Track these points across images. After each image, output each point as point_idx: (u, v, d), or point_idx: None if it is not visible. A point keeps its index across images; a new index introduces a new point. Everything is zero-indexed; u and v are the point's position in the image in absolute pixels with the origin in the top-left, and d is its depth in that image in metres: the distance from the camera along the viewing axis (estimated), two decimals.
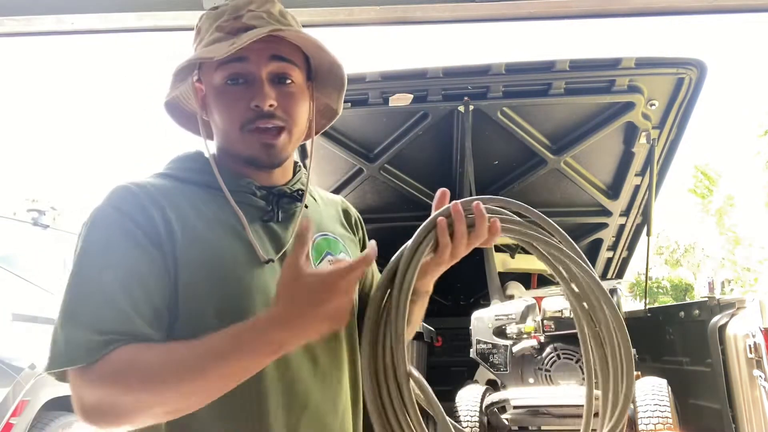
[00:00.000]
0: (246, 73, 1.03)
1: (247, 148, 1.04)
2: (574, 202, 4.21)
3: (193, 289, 0.96)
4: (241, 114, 1.02)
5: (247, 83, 1.03)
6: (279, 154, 1.06)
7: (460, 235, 1.04)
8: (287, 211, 1.11)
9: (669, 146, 3.90)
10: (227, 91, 1.04)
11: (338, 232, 1.18)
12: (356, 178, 4.00)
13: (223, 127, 1.06)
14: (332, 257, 1.12)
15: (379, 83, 3.43)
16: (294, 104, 1.06)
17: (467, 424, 3.20)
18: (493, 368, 3.43)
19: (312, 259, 1.08)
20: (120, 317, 0.91)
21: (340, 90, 1.19)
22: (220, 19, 1.06)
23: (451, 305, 4.82)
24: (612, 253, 4.61)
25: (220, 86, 1.04)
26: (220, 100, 1.05)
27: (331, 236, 1.15)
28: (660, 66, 3.42)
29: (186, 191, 1.05)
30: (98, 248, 0.96)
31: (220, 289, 0.97)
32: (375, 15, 1.49)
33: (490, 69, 3.42)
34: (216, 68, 1.04)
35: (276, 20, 1.06)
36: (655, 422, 2.96)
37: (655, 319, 4.03)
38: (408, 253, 1.00)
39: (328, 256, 1.11)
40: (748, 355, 2.82)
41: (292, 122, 1.06)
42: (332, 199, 1.29)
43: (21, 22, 1.54)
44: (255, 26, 1.02)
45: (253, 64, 1.03)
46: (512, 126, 3.68)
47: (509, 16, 1.51)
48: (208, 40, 1.05)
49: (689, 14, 1.55)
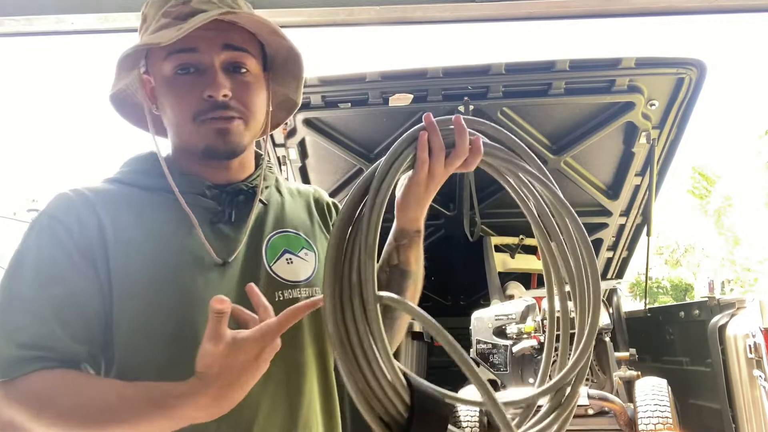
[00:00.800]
0: (197, 62, 0.98)
1: (202, 138, 0.99)
2: (574, 202, 4.18)
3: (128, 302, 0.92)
4: (194, 104, 0.97)
5: (199, 72, 0.98)
6: (236, 141, 1.00)
7: (437, 149, 0.92)
8: (242, 210, 1.05)
9: (669, 146, 3.90)
10: (178, 81, 0.98)
11: (304, 227, 1.12)
12: (356, 178, 3.99)
13: (175, 119, 1.00)
14: (291, 255, 1.06)
15: (379, 83, 3.43)
16: (250, 94, 1.00)
17: (467, 424, 3.20)
18: (493, 368, 3.43)
19: (266, 259, 1.03)
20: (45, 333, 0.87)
21: (299, 79, 1.12)
22: (167, 4, 1.00)
23: (451, 305, 4.82)
24: (612, 253, 4.61)
25: (170, 76, 0.98)
26: (170, 91, 0.99)
27: (291, 233, 1.09)
28: (660, 66, 3.41)
29: (131, 196, 1.00)
30: (30, 259, 0.92)
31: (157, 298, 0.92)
32: (375, 15, 1.49)
33: (490, 69, 3.42)
34: (165, 58, 0.98)
35: (227, 5, 1.00)
36: (655, 422, 2.96)
37: (655, 319, 4.03)
38: (384, 165, 0.87)
39: (286, 255, 1.06)
40: (748, 355, 2.82)
41: (248, 113, 1.00)
42: (303, 190, 1.22)
43: (21, 22, 1.53)
44: (204, 11, 0.97)
45: (205, 54, 0.97)
46: (512, 126, 3.68)
47: (509, 16, 1.51)
48: (154, 27, 0.99)
49: (689, 14, 1.55)
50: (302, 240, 1.09)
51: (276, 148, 3.81)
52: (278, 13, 1.44)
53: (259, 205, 1.08)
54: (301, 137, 3.76)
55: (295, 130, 3.70)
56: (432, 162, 0.93)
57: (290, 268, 1.04)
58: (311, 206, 1.19)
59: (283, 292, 1.02)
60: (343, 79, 3.49)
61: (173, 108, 0.99)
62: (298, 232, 1.10)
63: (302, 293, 1.04)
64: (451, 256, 4.43)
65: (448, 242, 4.34)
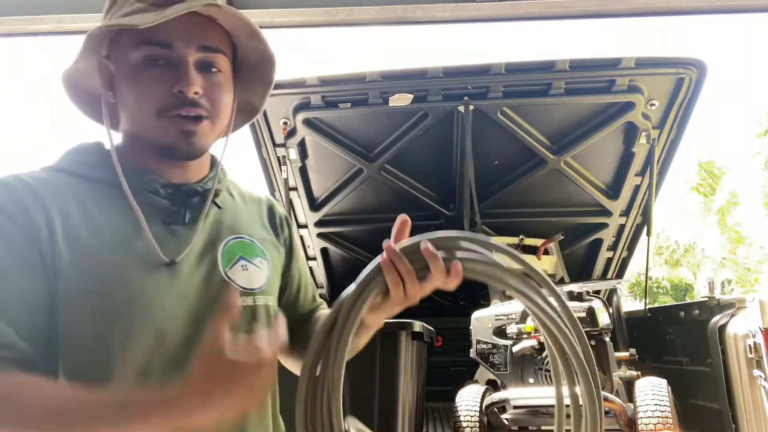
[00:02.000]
0: (169, 57, 0.93)
1: (163, 135, 0.94)
2: (574, 202, 4.21)
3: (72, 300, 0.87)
4: (161, 98, 0.92)
5: (170, 66, 0.93)
6: (199, 143, 0.96)
7: (406, 273, 0.90)
8: (196, 211, 1.01)
9: (669, 146, 3.90)
10: (145, 71, 0.92)
11: (257, 234, 1.09)
12: (356, 178, 4.00)
13: (137, 111, 0.95)
14: (246, 262, 1.03)
15: (379, 83, 3.43)
16: (220, 94, 0.97)
17: (467, 424, 3.19)
18: (493, 368, 3.43)
19: (221, 265, 0.99)
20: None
21: (268, 85, 1.08)
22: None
23: (451, 305, 4.81)
24: (612, 253, 4.61)
25: (137, 65, 0.93)
26: (135, 81, 0.93)
27: (246, 239, 1.06)
28: (660, 66, 3.42)
29: (77, 188, 0.94)
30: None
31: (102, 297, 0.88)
32: (375, 15, 1.50)
33: (490, 69, 3.42)
34: (135, 46, 0.92)
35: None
36: (655, 422, 2.95)
37: (655, 319, 4.03)
38: (351, 298, 0.90)
39: (241, 261, 1.02)
40: (748, 355, 2.82)
41: (216, 113, 0.97)
42: (255, 197, 1.18)
43: (21, 22, 1.54)
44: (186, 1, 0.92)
45: (179, 51, 0.93)
46: (512, 126, 3.68)
47: (509, 16, 1.51)
48: (127, 10, 0.94)
49: (689, 14, 1.55)
50: (257, 248, 1.06)
51: (276, 148, 3.81)
52: (278, 13, 1.44)
53: (214, 208, 1.04)
54: (301, 137, 3.76)
55: (295, 130, 3.70)
56: (405, 285, 0.91)
57: (245, 275, 1.02)
58: (263, 215, 1.15)
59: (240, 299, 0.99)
60: (343, 79, 3.49)
61: (137, 99, 0.94)
62: (253, 239, 1.07)
63: (258, 300, 1.02)
64: None
65: None
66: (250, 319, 1.01)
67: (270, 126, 3.70)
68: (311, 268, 4.63)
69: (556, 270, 4.44)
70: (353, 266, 4.55)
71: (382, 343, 2.55)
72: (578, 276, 4.48)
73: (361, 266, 0.94)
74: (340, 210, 4.23)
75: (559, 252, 4.47)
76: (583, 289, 3.36)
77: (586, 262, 4.67)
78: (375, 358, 2.52)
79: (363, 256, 4.41)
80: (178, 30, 0.92)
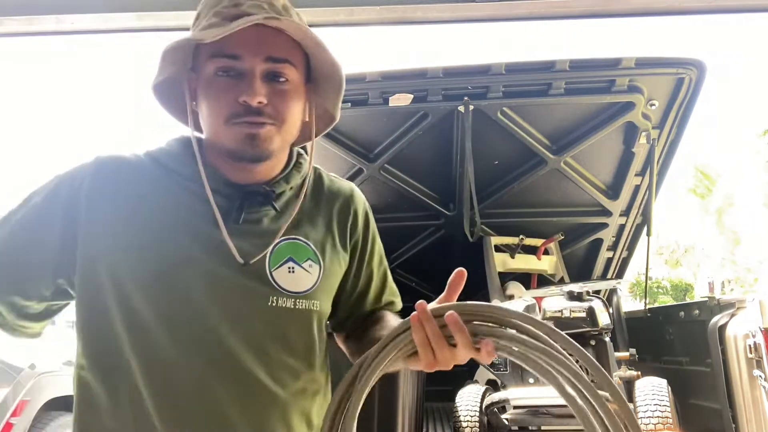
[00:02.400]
0: (238, 68, 0.99)
1: (231, 140, 1.00)
2: (574, 202, 4.21)
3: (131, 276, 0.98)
4: (228, 107, 0.99)
5: (239, 76, 0.99)
6: (264, 145, 1.00)
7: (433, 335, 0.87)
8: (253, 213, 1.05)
9: (669, 146, 3.90)
10: (217, 82, 1.00)
11: (315, 236, 1.10)
12: (356, 178, 3.99)
13: (209, 118, 1.02)
14: (295, 264, 1.05)
15: (379, 83, 3.43)
16: (285, 103, 1.01)
17: (467, 424, 3.20)
18: (493, 368, 3.43)
19: (269, 264, 1.03)
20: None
21: (338, 93, 1.13)
22: (219, 4, 1.01)
23: None
24: (612, 253, 4.61)
25: (211, 76, 1.00)
26: (208, 91, 1.01)
27: (300, 241, 1.07)
28: (660, 66, 3.41)
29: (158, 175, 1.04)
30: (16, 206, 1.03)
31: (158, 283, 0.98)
32: (375, 15, 1.49)
33: (490, 69, 3.42)
34: (208, 58, 1.00)
35: (277, 12, 1.01)
36: (655, 422, 2.96)
37: (655, 319, 4.03)
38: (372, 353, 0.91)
39: (289, 263, 1.05)
40: (748, 355, 2.82)
41: (281, 119, 1.01)
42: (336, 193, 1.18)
43: (21, 22, 1.54)
44: (252, 14, 0.98)
45: (246, 62, 0.99)
46: (512, 126, 3.67)
47: (509, 16, 1.51)
48: (204, 25, 1.01)
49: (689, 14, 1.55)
50: (310, 250, 1.08)
51: None
52: None
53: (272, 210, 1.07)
54: None
55: None
56: (434, 348, 0.88)
57: (290, 277, 1.04)
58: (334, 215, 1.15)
59: (278, 299, 1.02)
60: None
61: (209, 107, 1.01)
62: (308, 241, 1.08)
63: (298, 304, 1.04)
64: (451, 256, 4.43)
65: (448, 242, 4.34)
66: (287, 322, 1.03)
67: None
68: None
69: (556, 270, 4.44)
70: None
71: None
72: (578, 276, 4.48)
73: None
74: None
75: (559, 252, 4.47)
76: (583, 289, 3.36)
77: (586, 262, 4.67)
78: None
79: None
80: (247, 42, 0.98)
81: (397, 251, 4.44)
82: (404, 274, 4.59)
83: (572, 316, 3.21)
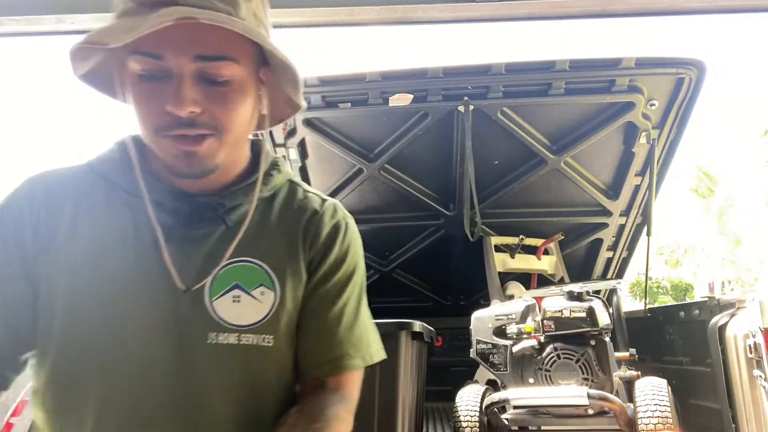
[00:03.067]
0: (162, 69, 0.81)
1: (166, 154, 0.84)
2: (574, 202, 4.21)
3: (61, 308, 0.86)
4: (155, 117, 0.82)
5: (165, 79, 0.81)
6: (204, 162, 0.84)
7: None
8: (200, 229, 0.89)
9: (669, 146, 3.90)
10: (140, 85, 0.82)
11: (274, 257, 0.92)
12: (356, 178, 4.00)
13: (140, 124, 0.85)
14: (242, 292, 0.89)
15: (379, 83, 3.43)
16: (226, 108, 0.83)
17: (467, 424, 3.19)
18: (493, 368, 3.43)
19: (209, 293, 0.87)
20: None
21: (296, 83, 0.92)
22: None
23: (451, 305, 4.81)
24: (612, 253, 4.61)
25: (134, 78, 0.82)
26: (133, 94, 0.83)
27: (252, 263, 0.90)
28: (660, 66, 3.41)
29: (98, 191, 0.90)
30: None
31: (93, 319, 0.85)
32: (375, 15, 1.49)
33: (490, 69, 3.42)
34: (129, 53, 0.81)
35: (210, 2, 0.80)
36: (655, 422, 2.95)
37: (655, 319, 4.03)
38: None
39: (235, 291, 0.88)
40: (748, 355, 2.82)
41: (223, 128, 0.83)
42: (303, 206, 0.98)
43: (21, 22, 1.54)
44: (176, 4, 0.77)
45: (172, 61, 0.80)
46: (512, 126, 3.67)
47: (509, 16, 1.51)
48: (120, 11, 0.82)
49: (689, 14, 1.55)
50: (263, 275, 0.90)
51: (276, 148, 3.81)
52: (279, 13, 1.44)
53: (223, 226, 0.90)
54: (301, 137, 3.75)
55: (295, 130, 3.70)
56: None
57: (235, 308, 0.88)
58: (299, 231, 0.95)
59: (218, 335, 0.87)
60: (343, 79, 3.48)
61: (137, 114, 0.84)
62: (263, 264, 0.90)
63: (243, 339, 0.88)
64: (451, 256, 4.43)
65: (448, 242, 4.34)
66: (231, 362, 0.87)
67: None
68: None
69: (556, 270, 4.44)
70: None
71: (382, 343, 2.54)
72: (578, 276, 4.48)
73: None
74: None
75: (559, 252, 4.47)
76: (583, 289, 3.36)
77: (586, 262, 4.67)
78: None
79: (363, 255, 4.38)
80: (170, 39, 0.79)
81: (397, 251, 4.44)
82: (404, 274, 4.58)
83: (572, 316, 3.20)
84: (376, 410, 2.50)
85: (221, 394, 0.87)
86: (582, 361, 3.18)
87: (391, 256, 4.48)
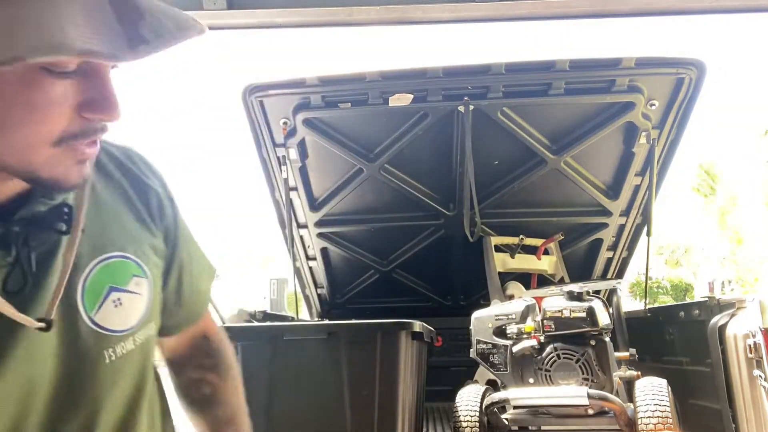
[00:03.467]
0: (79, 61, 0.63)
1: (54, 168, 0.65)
2: (574, 202, 4.21)
3: None
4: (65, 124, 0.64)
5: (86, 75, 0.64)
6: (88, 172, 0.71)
7: None
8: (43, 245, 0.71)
9: (669, 146, 3.90)
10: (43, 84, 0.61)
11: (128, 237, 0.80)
12: (356, 178, 4.00)
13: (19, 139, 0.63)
14: (119, 293, 0.77)
15: (379, 83, 3.43)
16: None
17: (467, 424, 3.19)
18: (493, 368, 3.43)
19: (84, 309, 0.74)
20: None
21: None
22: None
23: (451, 305, 4.82)
24: (612, 253, 4.61)
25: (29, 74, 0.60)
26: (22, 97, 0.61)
27: (115, 257, 0.77)
28: (660, 66, 3.42)
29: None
30: None
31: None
32: (375, 15, 1.50)
33: (490, 69, 3.43)
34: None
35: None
36: (655, 422, 2.95)
37: (655, 319, 4.03)
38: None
39: (112, 294, 0.77)
40: (748, 355, 2.81)
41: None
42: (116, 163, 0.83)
43: None
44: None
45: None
46: (512, 126, 3.68)
47: (509, 16, 1.51)
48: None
49: (689, 14, 1.55)
50: (130, 264, 0.79)
51: (276, 148, 3.81)
52: (278, 13, 1.44)
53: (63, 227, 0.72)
54: (301, 137, 3.75)
55: (295, 130, 3.70)
56: None
57: (119, 312, 0.77)
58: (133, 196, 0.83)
59: (115, 348, 0.77)
60: (343, 79, 3.49)
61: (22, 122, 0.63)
62: (125, 252, 0.79)
63: (137, 339, 0.79)
64: (451, 256, 4.43)
65: (448, 242, 4.34)
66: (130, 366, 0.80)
67: (270, 126, 3.70)
68: (311, 268, 4.62)
69: (556, 270, 4.44)
70: (353, 266, 4.56)
71: (382, 343, 2.54)
72: (578, 276, 4.48)
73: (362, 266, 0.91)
74: (340, 210, 4.22)
75: (559, 252, 4.47)
76: (583, 289, 3.36)
77: (586, 262, 4.67)
78: (375, 358, 2.52)
79: (363, 256, 4.42)
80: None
81: (397, 251, 4.44)
82: (404, 274, 4.59)
83: (572, 316, 3.20)
84: (376, 410, 2.51)
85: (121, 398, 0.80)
86: (582, 361, 3.18)
87: (391, 256, 4.48)
